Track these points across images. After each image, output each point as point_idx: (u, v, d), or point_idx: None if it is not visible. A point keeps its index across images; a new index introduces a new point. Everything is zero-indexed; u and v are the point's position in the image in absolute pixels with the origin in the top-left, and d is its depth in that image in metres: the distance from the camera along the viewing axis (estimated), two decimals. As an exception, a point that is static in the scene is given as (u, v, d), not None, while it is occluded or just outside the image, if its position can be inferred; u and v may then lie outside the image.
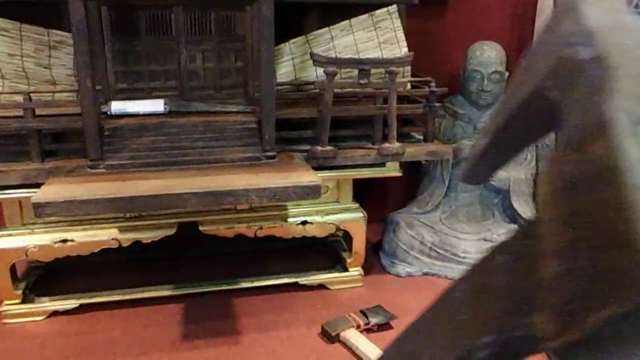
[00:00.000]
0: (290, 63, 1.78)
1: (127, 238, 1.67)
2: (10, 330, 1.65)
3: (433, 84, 1.75)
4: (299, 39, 1.79)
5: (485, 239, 2.05)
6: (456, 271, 2.00)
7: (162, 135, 1.56)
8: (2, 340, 1.59)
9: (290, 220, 1.76)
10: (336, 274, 1.89)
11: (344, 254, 1.92)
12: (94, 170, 1.50)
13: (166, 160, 1.52)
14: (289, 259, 1.99)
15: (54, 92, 1.66)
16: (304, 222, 1.77)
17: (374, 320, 1.66)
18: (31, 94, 1.56)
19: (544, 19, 2.27)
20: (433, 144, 1.79)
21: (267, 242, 1.83)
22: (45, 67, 1.68)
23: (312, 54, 1.63)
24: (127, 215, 1.68)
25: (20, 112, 1.56)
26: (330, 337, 1.59)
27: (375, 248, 2.14)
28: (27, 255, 1.65)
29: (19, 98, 1.56)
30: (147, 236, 1.68)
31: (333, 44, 1.77)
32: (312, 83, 1.66)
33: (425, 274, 2.02)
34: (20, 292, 1.70)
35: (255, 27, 1.60)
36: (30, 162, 1.57)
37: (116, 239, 1.67)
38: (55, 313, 1.71)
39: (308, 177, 1.43)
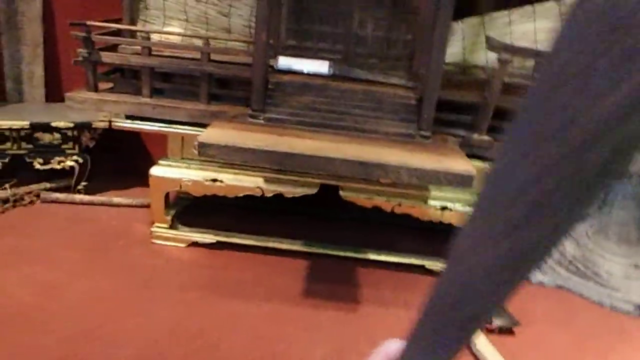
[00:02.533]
0: (461, 43, 1.70)
1: (271, 189, 1.74)
2: (157, 250, 1.81)
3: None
4: (474, 19, 1.70)
5: (636, 266, 1.87)
6: (593, 291, 1.86)
7: (323, 97, 1.59)
8: (150, 258, 1.76)
9: (430, 202, 1.72)
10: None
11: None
12: (254, 120, 1.57)
13: (322, 122, 1.55)
14: (421, 240, 1.96)
15: (228, 39, 1.75)
16: (444, 208, 1.73)
17: (497, 322, 1.59)
18: (209, 40, 1.65)
19: None
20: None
21: (402, 218, 1.81)
22: (225, 15, 1.77)
23: (487, 38, 1.54)
24: (275, 168, 1.74)
25: (195, 55, 1.66)
26: (449, 328, 1.55)
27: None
28: (180, 187, 1.79)
29: (199, 42, 1.66)
30: (289, 190, 1.74)
31: (510, 29, 1.67)
32: (483, 68, 1.58)
33: (559, 286, 1.89)
34: (169, 217, 1.85)
35: (433, 1, 1.55)
36: (198, 103, 1.67)
37: (260, 188, 1.75)
38: (195, 244, 1.85)
39: (462, 165, 1.38)
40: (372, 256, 1.83)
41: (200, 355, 1.35)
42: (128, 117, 1.73)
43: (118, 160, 2.29)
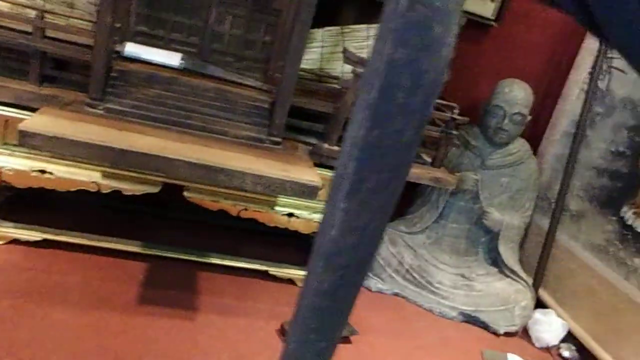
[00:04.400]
0: (319, 51, 1.70)
1: (108, 185, 1.60)
2: (-36, 247, 1.58)
3: (457, 111, 1.69)
4: (334, 29, 1.71)
5: (463, 276, 2.01)
6: (425, 299, 1.97)
7: (171, 91, 1.49)
8: (-47, 257, 1.52)
9: (277, 208, 1.70)
10: (308, 273, 1.84)
11: (321, 255, 1.87)
12: (91, 110, 1.42)
13: (168, 118, 1.45)
14: (265, 246, 1.93)
15: (69, 16, 1.57)
16: (290, 215, 1.71)
17: (334, 330, 1.61)
18: (45, 13, 1.47)
19: (579, 73, 2.23)
20: (439, 171, 1.74)
21: (248, 222, 1.77)
22: (67, -12, 1.59)
23: (345, 50, 1.56)
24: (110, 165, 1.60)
25: (28, 28, 1.47)
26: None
27: (352, 255, 2.09)
28: (0, 175, 1.57)
29: (32, 13, 1.47)
30: (129, 188, 1.61)
31: (368, 43, 1.70)
32: (337, 78, 1.59)
33: (396, 294, 1.98)
34: (-16, 210, 1.63)
35: (294, 6, 1.52)
36: (27, 83, 1.48)
37: (96, 183, 1.59)
38: (15, 241, 1.64)
39: (308, 175, 1.37)
40: (215, 260, 1.77)
41: (4, 373, 1.19)
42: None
43: None
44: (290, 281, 1.83)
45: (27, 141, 1.23)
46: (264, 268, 1.80)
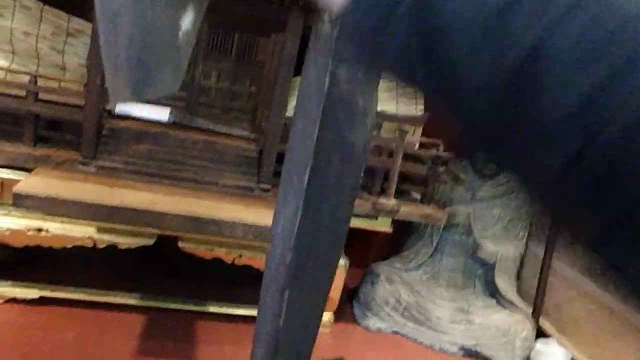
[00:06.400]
0: (304, 98, 1.75)
1: (104, 240, 1.62)
2: (-37, 309, 1.59)
3: (441, 147, 1.73)
4: (317, 75, 1.77)
5: (461, 309, 2.02)
6: (425, 336, 1.97)
7: (161, 145, 1.53)
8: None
9: (271, 254, 1.72)
10: (306, 316, 1.85)
11: (318, 297, 1.88)
12: (84, 168, 1.46)
13: (159, 172, 1.49)
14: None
15: (61, 79, 1.63)
16: (285, 259, 1.73)
17: (334, 373, 1.62)
18: (38, 77, 1.53)
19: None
20: (429, 207, 1.77)
21: (243, 269, 1.78)
22: (59, 52, 1.65)
23: (327, 96, 1.61)
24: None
25: (21, 92, 1.52)
26: (286, 383, 1.54)
27: (350, 294, 2.10)
28: (-3, 236, 1.60)
29: (25, 78, 1.52)
30: (124, 242, 1.64)
31: (350, 88, 1.75)
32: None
33: (395, 332, 1.98)
34: (-18, 271, 1.65)
35: (276, 57, 1.58)
36: (22, 145, 1.52)
37: (92, 239, 1.62)
38: (12, 300, 1.66)
39: (298, 220, 1.40)
40: (213, 309, 1.78)
41: None
42: None
43: None
44: (289, 325, 1.83)
45: (21, 203, 1.26)
46: (261, 313, 1.80)
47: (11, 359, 1.43)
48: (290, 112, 1.70)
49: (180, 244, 1.67)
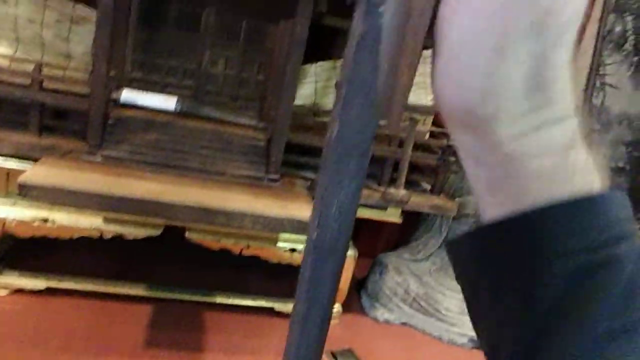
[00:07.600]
0: (313, 86, 1.72)
1: (111, 231, 1.61)
2: (-30, 300, 1.59)
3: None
4: (326, 63, 1.73)
5: (471, 301, 2.00)
6: (434, 327, 1.95)
7: (168, 135, 1.51)
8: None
9: (279, 244, 1.70)
10: (314, 307, 1.83)
11: (326, 288, 1.86)
12: (90, 158, 1.44)
13: (167, 162, 1.46)
14: (270, 282, 1.93)
15: (65, 68, 1.60)
16: (293, 250, 1.72)
17: (343, 365, 1.60)
18: (43, 65, 1.50)
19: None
20: (439, 198, 1.74)
21: (251, 260, 1.77)
22: (63, 40, 1.62)
23: (337, 83, 1.58)
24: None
25: (26, 81, 1.50)
26: (295, 375, 1.53)
27: (358, 285, 2.08)
28: (4, 227, 1.59)
29: (30, 66, 1.50)
30: (131, 232, 1.62)
31: (359, 76, 1.72)
32: (330, 112, 1.61)
33: (404, 324, 1.97)
34: (-11, 261, 1.64)
35: (286, 44, 1.55)
36: (27, 135, 1.51)
37: (98, 230, 1.61)
38: (20, 290, 1.65)
39: (306, 211, 1.38)
40: (221, 299, 1.76)
41: None
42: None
43: None
44: (297, 316, 1.82)
45: (27, 193, 1.24)
46: (269, 305, 1.79)
47: (19, 349, 1.42)
48: (299, 101, 1.67)
49: (187, 235, 1.65)
